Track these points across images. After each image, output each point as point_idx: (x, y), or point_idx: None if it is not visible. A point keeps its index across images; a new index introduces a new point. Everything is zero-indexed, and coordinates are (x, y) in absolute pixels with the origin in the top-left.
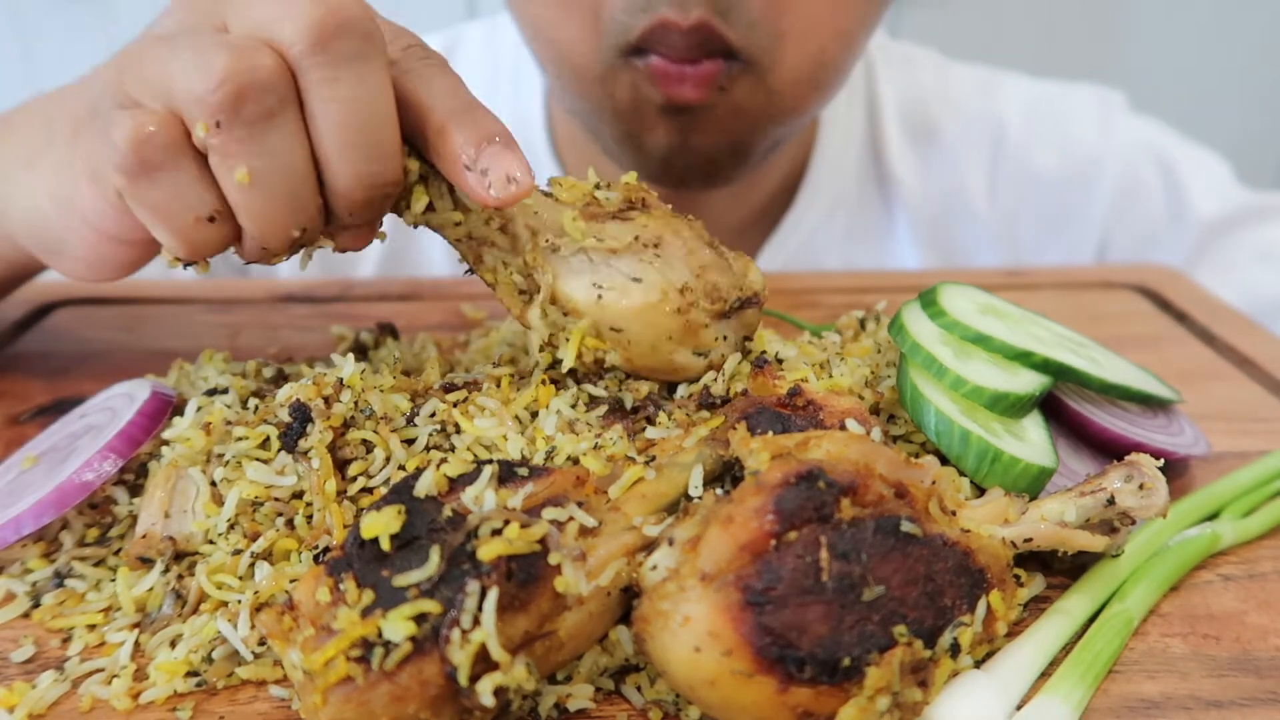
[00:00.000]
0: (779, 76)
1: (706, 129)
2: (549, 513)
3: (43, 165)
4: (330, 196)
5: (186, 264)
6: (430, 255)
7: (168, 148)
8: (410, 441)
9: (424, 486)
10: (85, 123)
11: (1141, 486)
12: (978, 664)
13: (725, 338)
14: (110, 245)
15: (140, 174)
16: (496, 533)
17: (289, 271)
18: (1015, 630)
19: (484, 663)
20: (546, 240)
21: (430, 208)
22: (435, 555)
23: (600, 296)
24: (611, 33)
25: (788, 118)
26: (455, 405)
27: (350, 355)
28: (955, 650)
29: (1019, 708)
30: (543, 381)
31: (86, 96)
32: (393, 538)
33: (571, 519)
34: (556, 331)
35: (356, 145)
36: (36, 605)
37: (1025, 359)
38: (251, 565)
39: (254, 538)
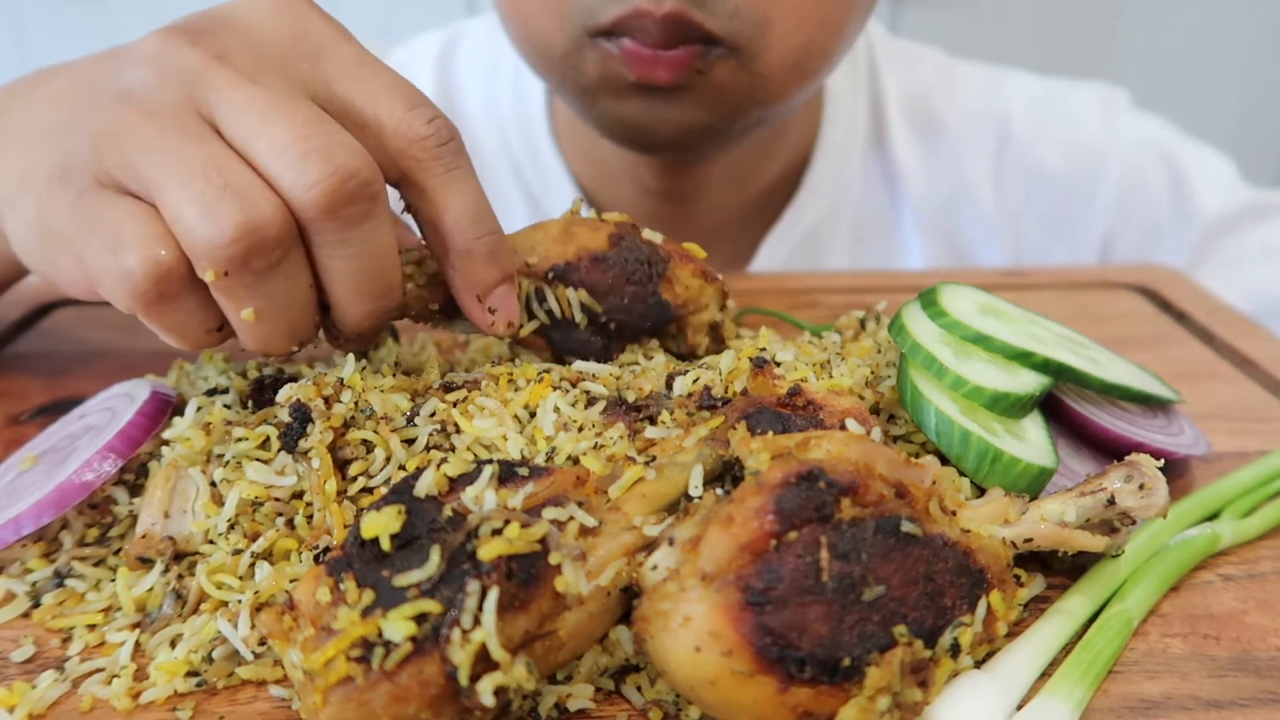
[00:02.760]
0: (766, 63)
1: (681, 106)
2: (549, 513)
3: (23, 206)
4: (339, 325)
5: None
6: None
7: (184, 279)
8: (410, 441)
9: (424, 486)
10: (59, 186)
11: (1141, 486)
12: (978, 664)
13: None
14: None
15: (159, 303)
16: (496, 533)
17: None
18: (1015, 630)
19: (484, 663)
20: None
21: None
22: (435, 555)
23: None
24: (578, 15)
25: (772, 102)
26: (455, 405)
27: (350, 355)
28: (955, 650)
29: (1019, 708)
30: (537, 379)
31: (58, 150)
32: (393, 538)
33: (572, 519)
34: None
35: (365, 292)
36: (36, 605)
37: (1025, 359)
38: (251, 565)
39: (254, 538)
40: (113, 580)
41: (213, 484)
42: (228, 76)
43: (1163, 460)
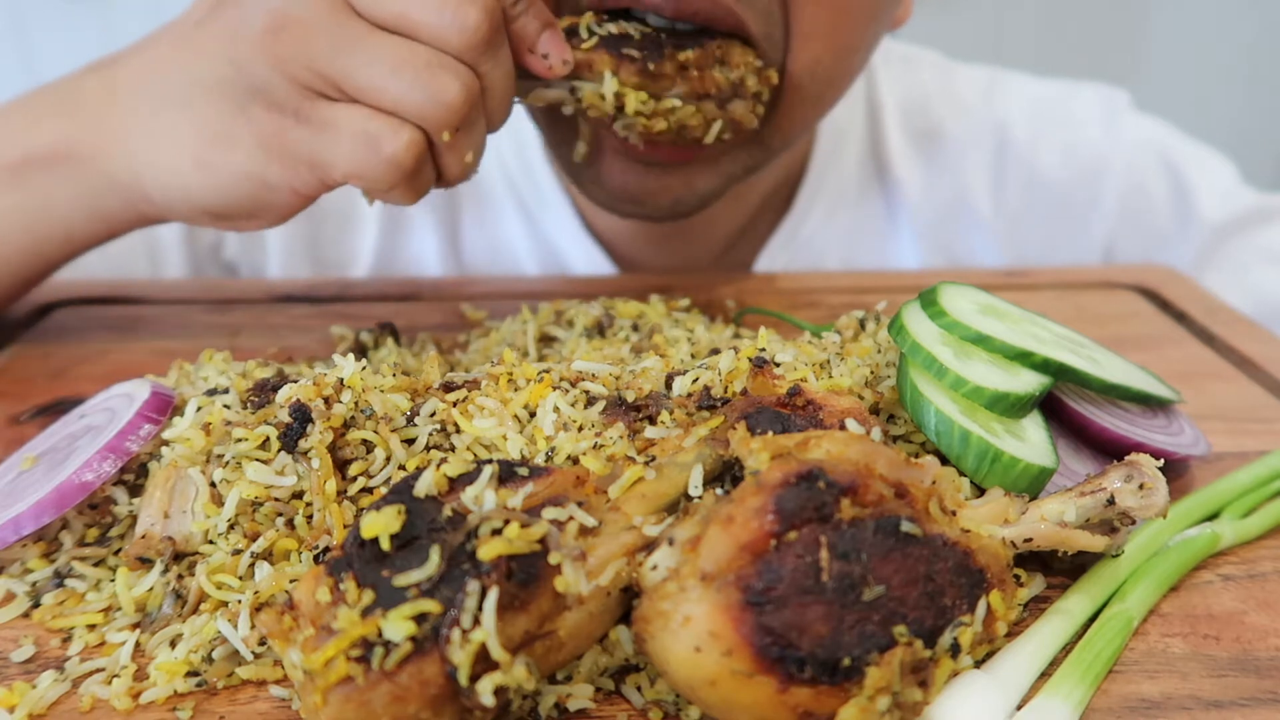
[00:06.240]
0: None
1: (682, 174)
2: (549, 512)
3: (229, 155)
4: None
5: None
6: (423, 255)
7: (424, 154)
8: (410, 441)
9: (424, 486)
10: (271, 115)
11: (1141, 486)
12: (978, 664)
13: None
14: (304, 202)
15: (415, 174)
16: (496, 532)
17: (286, 272)
18: (1015, 630)
19: (484, 662)
20: None
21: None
22: (435, 555)
23: None
24: None
25: (778, 147)
26: (455, 405)
27: (350, 355)
28: (955, 650)
29: (1019, 708)
30: (537, 379)
31: (240, 92)
32: (393, 538)
33: (571, 519)
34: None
35: (508, 96)
36: (36, 605)
37: (1025, 359)
38: (251, 565)
39: (254, 538)
40: (113, 580)
41: (212, 484)
42: None
43: (1163, 460)
